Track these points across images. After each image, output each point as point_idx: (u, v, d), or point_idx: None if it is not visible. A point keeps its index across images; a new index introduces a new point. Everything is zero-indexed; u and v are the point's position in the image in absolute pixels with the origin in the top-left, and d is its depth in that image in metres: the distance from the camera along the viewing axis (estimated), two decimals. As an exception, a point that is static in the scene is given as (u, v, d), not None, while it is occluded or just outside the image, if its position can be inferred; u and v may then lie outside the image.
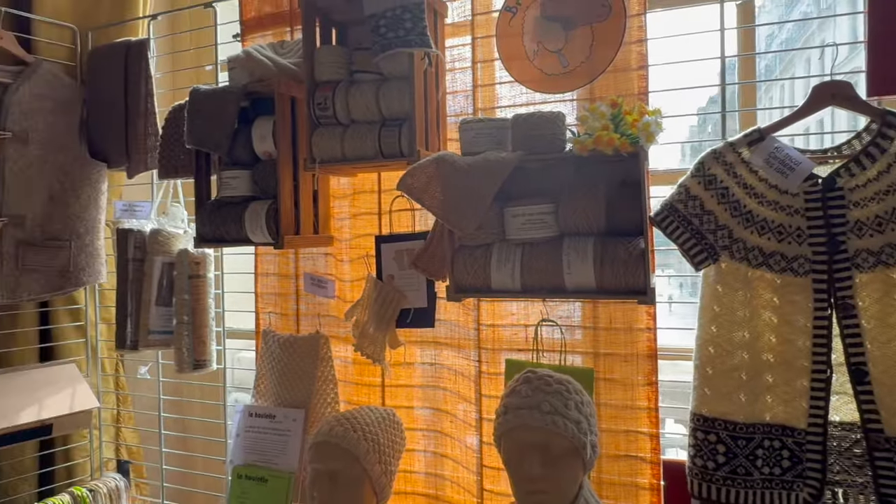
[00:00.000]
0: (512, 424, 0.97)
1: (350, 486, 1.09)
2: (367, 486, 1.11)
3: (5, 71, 1.59)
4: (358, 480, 1.09)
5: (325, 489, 1.08)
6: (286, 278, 1.56)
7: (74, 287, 1.69)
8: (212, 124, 1.35)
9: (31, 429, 1.51)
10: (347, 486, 1.09)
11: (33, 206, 1.63)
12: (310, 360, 1.47)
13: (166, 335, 1.59)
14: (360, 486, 1.10)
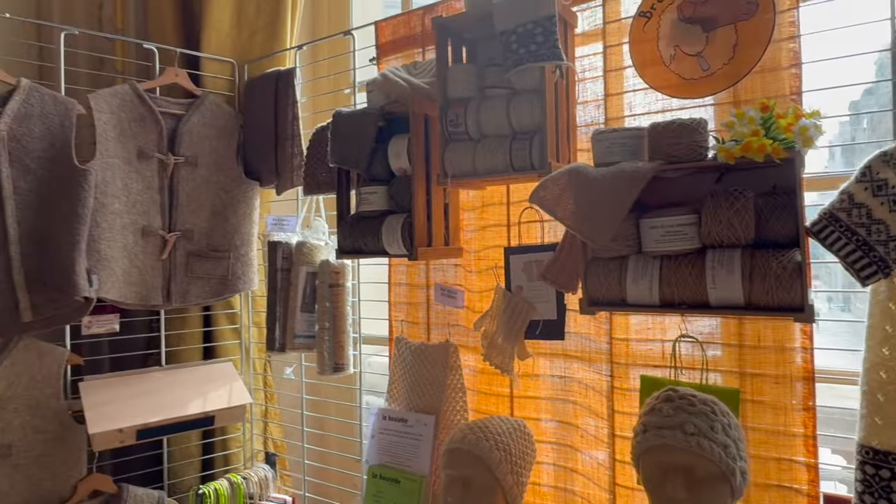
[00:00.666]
0: (652, 443, 0.93)
1: (483, 494, 1.11)
2: (500, 495, 1.12)
3: (180, 104, 1.82)
4: (490, 489, 1.11)
5: (459, 495, 1.11)
6: (417, 288, 1.62)
7: (232, 293, 1.89)
8: (352, 144, 1.45)
9: (197, 419, 1.70)
10: (480, 493, 1.11)
11: (200, 222, 1.84)
12: (440, 368, 1.52)
13: (309, 339, 1.72)
14: (493, 495, 1.11)
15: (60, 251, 1.54)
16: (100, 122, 1.66)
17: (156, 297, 1.77)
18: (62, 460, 1.62)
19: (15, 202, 1.53)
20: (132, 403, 1.65)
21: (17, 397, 1.56)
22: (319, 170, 1.71)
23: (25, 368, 1.57)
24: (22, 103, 1.54)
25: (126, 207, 1.71)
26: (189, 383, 1.79)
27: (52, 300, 1.56)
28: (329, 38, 1.88)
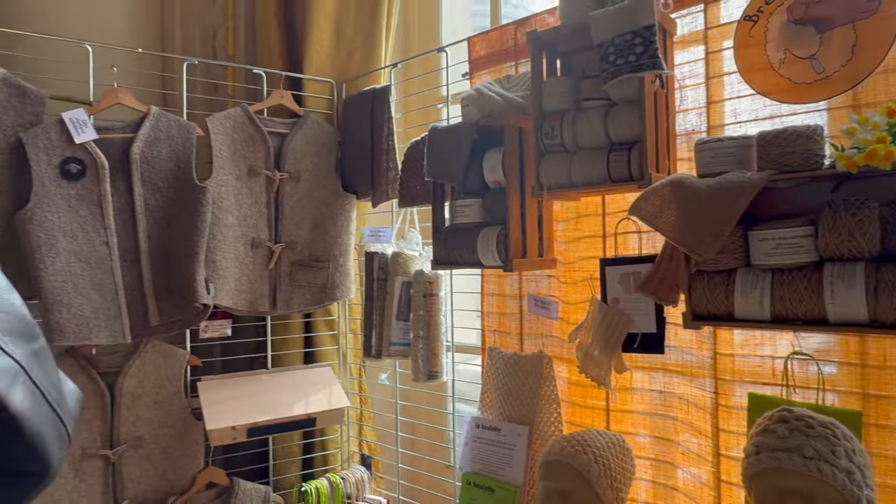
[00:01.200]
0: (766, 466, 0.90)
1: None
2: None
3: (284, 123, 1.95)
4: (589, 502, 1.11)
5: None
6: (510, 298, 1.64)
7: (331, 301, 1.99)
8: (448, 158, 1.49)
9: (300, 420, 1.80)
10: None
11: (302, 233, 1.95)
12: (533, 379, 1.52)
13: (404, 347, 1.78)
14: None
15: (183, 262, 1.69)
16: (216, 143, 1.80)
17: (263, 304, 1.89)
18: (183, 453, 1.77)
19: (145, 218, 1.69)
20: (243, 403, 1.77)
21: (146, 394, 1.72)
22: (414, 183, 1.77)
23: (154, 368, 1.73)
24: (152, 128, 1.70)
25: (238, 221, 1.85)
26: (292, 386, 1.90)
27: (176, 306, 1.71)
28: (423, 55, 1.94)
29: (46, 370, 0.71)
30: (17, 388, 0.64)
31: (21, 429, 0.64)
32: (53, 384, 0.71)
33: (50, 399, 0.70)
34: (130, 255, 1.68)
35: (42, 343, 0.71)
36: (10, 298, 0.67)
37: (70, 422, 0.74)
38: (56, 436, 0.70)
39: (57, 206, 1.57)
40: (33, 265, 1.52)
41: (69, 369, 1.62)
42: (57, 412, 0.71)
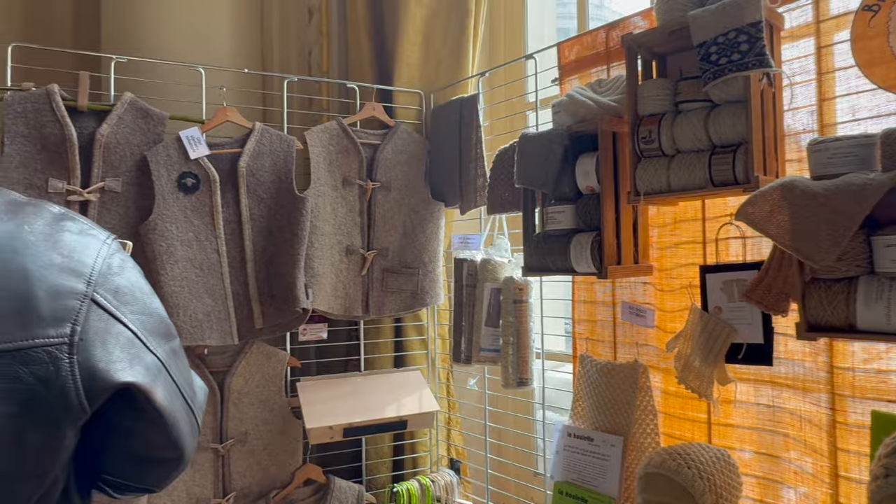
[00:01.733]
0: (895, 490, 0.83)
1: (686, 524, 1.07)
2: (704, 527, 1.07)
3: (376, 134, 2.02)
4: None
5: (660, 522, 1.08)
6: (603, 306, 1.61)
7: (420, 307, 2.03)
8: (539, 165, 1.49)
9: (393, 422, 1.86)
10: (683, 523, 1.07)
11: (393, 241, 2.01)
12: (628, 389, 1.49)
13: (494, 353, 1.79)
14: (697, 526, 1.06)
15: (284, 269, 1.79)
16: (313, 155, 1.90)
17: (357, 308, 1.97)
18: (283, 449, 1.87)
19: (250, 227, 1.81)
20: (339, 404, 1.85)
21: (251, 392, 1.83)
22: (502, 190, 1.78)
23: (258, 368, 1.84)
24: (256, 143, 1.82)
25: (333, 229, 1.93)
26: (385, 388, 1.96)
27: (278, 310, 1.82)
28: (511, 62, 1.95)
29: (181, 367, 0.78)
30: (159, 384, 0.70)
31: (162, 420, 0.71)
32: (187, 380, 0.78)
33: (185, 393, 0.76)
34: (237, 262, 1.79)
35: (177, 342, 0.78)
36: (152, 302, 0.74)
37: (199, 414, 0.81)
38: (189, 426, 0.77)
39: (175, 217, 1.71)
40: (154, 271, 1.66)
41: (185, 367, 1.76)
42: (190, 405, 0.78)
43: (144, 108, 1.71)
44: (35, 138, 1.59)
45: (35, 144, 1.59)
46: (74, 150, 1.61)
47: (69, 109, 1.62)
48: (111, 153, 1.66)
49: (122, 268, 0.72)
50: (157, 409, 0.70)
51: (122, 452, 0.73)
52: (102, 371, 0.65)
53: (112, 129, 1.65)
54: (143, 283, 0.75)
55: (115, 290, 0.69)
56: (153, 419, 0.70)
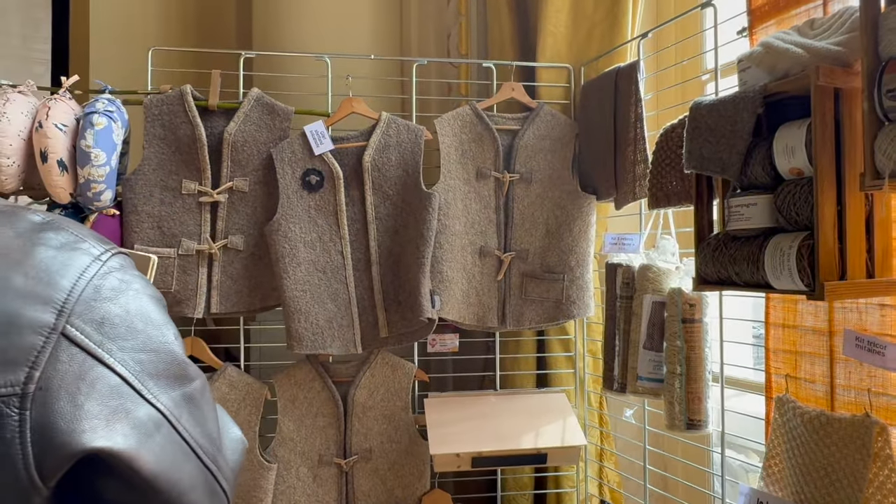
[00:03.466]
0: None
1: None
2: None
3: (515, 119, 1.75)
4: None
5: None
6: (813, 334, 1.17)
7: (565, 318, 1.73)
8: (718, 141, 1.11)
9: (530, 455, 1.58)
10: None
11: (534, 241, 1.73)
12: (855, 454, 1.05)
13: (655, 383, 1.43)
14: None
15: (410, 273, 1.61)
16: (444, 146, 1.69)
17: (491, 318, 1.73)
18: (410, 471, 1.70)
19: (376, 227, 1.66)
20: (469, 427, 1.62)
21: (375, 406, 1.69)
22: (669, 177, 1.41)
23: (383, 381, 1.69)
24: (382, 135, 1.66)
25: (465, 228, 1.71)
26: (523, 412, 1.69)
27: (404, 318, 1.64)
28: (682, 15, 1.55)
29: (199, 419, 0.59)
30: (153, 445, 0.52)
31: (158, 491, 0.52)
32: (208, 435, 0.59)
33: (200, 453, 0.57)
34: (362, 265, 1.65)
35: (197, 386, 0.60)
36: (160, 336, 0.57)
37: (228, 477, 0.62)
38: (208, 494, 0.58)
39: (299, 217, 1.61)
40: (278, 274, 1.58)
41: (307, 376, 1.66)
42: (209, 467, 0.59)
43: (270, 104, 1.64)
44: (170, 140, 1.59)
45: (170, 146, 1.59)
46: (204, 150, 1.58)
47: (200, 109, 1.60)
48: (239, 152, 1.62)
49: (119, 291, 0.55)
50: (147, 480, 0.51)
51: None
52: (62, 433, 0.48)
53: (239, 126, 1.60)
54: (151, 309, 0.57)
55: (100, 322, 0.52)
56: (144, 491, 0.52)
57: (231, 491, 0.63)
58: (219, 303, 1.60)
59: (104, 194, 1.41)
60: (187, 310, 1.57)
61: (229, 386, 1.62)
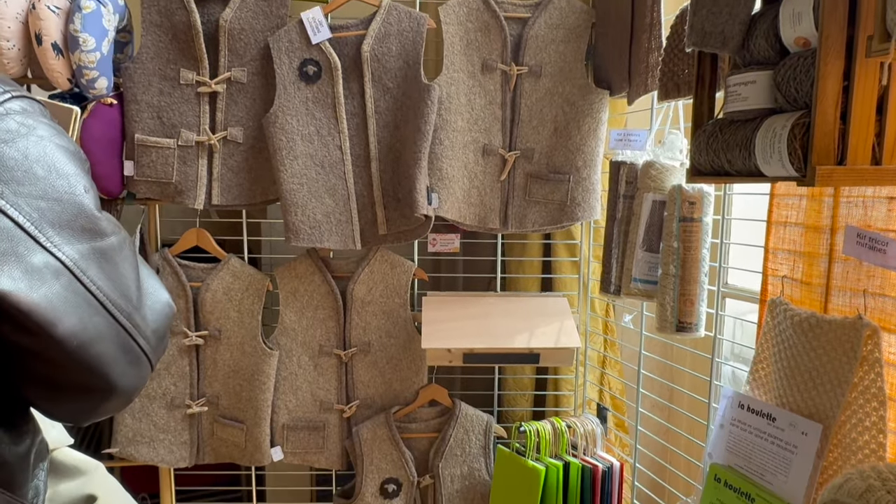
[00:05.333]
0: None
1: None
2: None
3: (526, 6, 1.62)
4: None
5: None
6: (815, 232, 1.08)
7: (570, 221, 1.67)
8: (721, 11, 0.98)
9: (522, 354, 1.58)
10: None
11: (541, 139, 1.65)
12: (842, 357, 0.98)
13: (649, 285, 1.37)
14: None
15: (407, 168, 1.58)
16: (447, 35, 1.60)
17: (493, 219, 1.68)
18: (407, 365, 1.74)
19: (375, 121, 1.61)
20: (464, 325, 1.63)
21: (374, 302, 1.71)
22: (681, 65, 1.29)
23: (381, 277, 1.71)
24: (382, 23, 1.58)
25: (468, 125, 1.64)
26: (520, 314, 1.68)
27: (403, 216, 1.63)
28: None
29: (112, 274, 0.59)
30: (47, 290, 0.53)
31: (55, 337, 0.53)
32: (122, 292, 0.60)
33: (110, 307, 0.58)
34: (361, 161, 1.63)
35: (112, 242, 0.59)
36: (67, 186, 0.56)
37: (149, 337, 0.62)
38: (119, 350, 0.59)
39: (296, 109, 1.58)
40: (275, 167, 1.58)
41: (307, 270, 1.69)
42: (122, 323, 0.59)
43: (264, -11, 1.58)
44: (167, 27, 1.56)
45: (167, 34, 1.57)
46: (200, 38, 1.55)
47: (196, -6, 1.55)
48: (236, 40, 1.58)
49: (18, 135, 0.54)
50: (41, 325, 0.52)
51: (27, 375, 0.58)
52: None
53: (235, 13, 1.56)
54: (58, 159, 0.57)
55: None
56: (42, 337, 0.53)
57: (154, 353, 0.63)
58: (220, 195, 1.63)
59: (98, 81, 1.42)
60: (188, 200, 1.60)
61: (232, 276, 1.67)
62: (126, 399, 0.61)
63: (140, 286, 0.61)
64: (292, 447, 1.72)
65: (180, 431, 1.70)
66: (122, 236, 0.60)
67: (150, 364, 0.63)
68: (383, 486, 1.69)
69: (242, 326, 1.68)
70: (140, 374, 0.61)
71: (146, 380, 0.63)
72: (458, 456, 1.71)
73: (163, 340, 0.65)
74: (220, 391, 1.70)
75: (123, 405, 0.63)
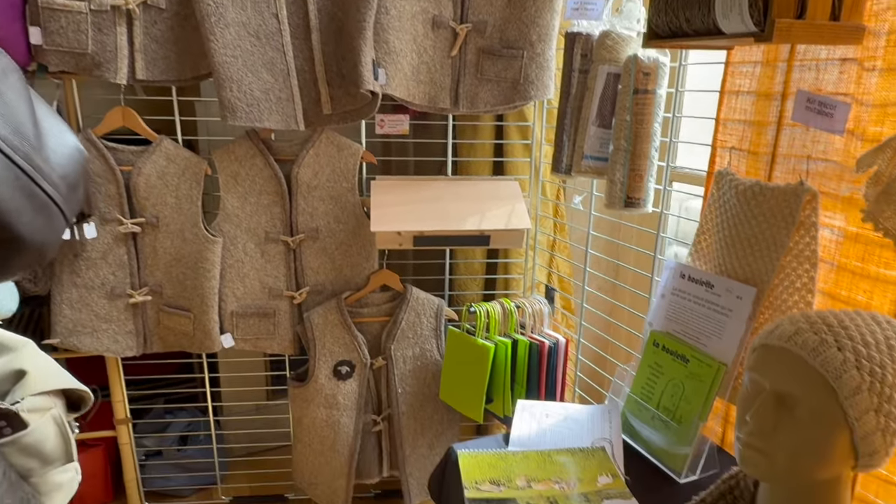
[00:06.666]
0: None
1: (811, 428, 0.67)
2: (843, 438, 0.67)
3: None
4: (827, 424, 0.67)
5: (767, 418, 0.70)
6: (766, 99, 1.07)
7: (523, 101, 1.61)
8: None
9: (472, 236, 1.58)
10: (806, 426, 0.68)
11: (493, 11, 1.55)
12: (781, 222, 1.01)
13: (600, 162, 1.36)
14: (830, 435, 0.67)
15: (351, 40, 1.46)
16: None
17: (444, 99, 1.61)
18: (357, 251, 1.71)
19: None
20: (413, 209, 1.60)
21: (321, 186, 1.65)
22: (643, -79, 1.20)
23: (328, 161, 1.63)
24: None
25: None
26: (470, 197, 1.66)
27: (348, 94, 1.53)
28: None
29: (3, 112, 0.52)
30: None
31: None
32: (14, 127, 0.53)
33: (2, 146, 0.51)
34: (301, 32, 1.50)
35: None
36: None
37: (56, 182, 0.56)
38: (20, 194, 0.53)
39: (224, -31, 1.42)
40: (205, 37, 1.44)
41: (248, 152, 1.60)
42: (19, 164, 0.53)
43: None
44: None
45: None
46: None
47: None
48: None
49: None
50: None
51: None
52: None
53: None
54: None
55: None
56: None
57: (66, 203, 0.57)
58: (144, 68, 1.48)
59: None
60: (108, 73, 1.45)
61: (166, 159, 1.57)
62: (38, 253, 0.56)
63: (37, 124, 0.55)
64: (242, 334, 1.71)
65: (124, 321, 1.65)
66: (6, 62, 0.52)
67: (63, 216, 0.57)
68: (336, 369, 1.72)
69: (181, 213, 1.60)
70: (52, 226, 0.56)
71: (61, 233, 0.58)
72: (409, 338, 1.74)
73: (76, 191, 0.59)
74: (163, 280, 1.65)
75: (38, 260, 0.58)
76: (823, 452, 0.68)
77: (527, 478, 1.07)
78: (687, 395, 1.12)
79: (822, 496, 0.72)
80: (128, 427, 1.80)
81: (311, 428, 1.75)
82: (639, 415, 1.21)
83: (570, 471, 1.08)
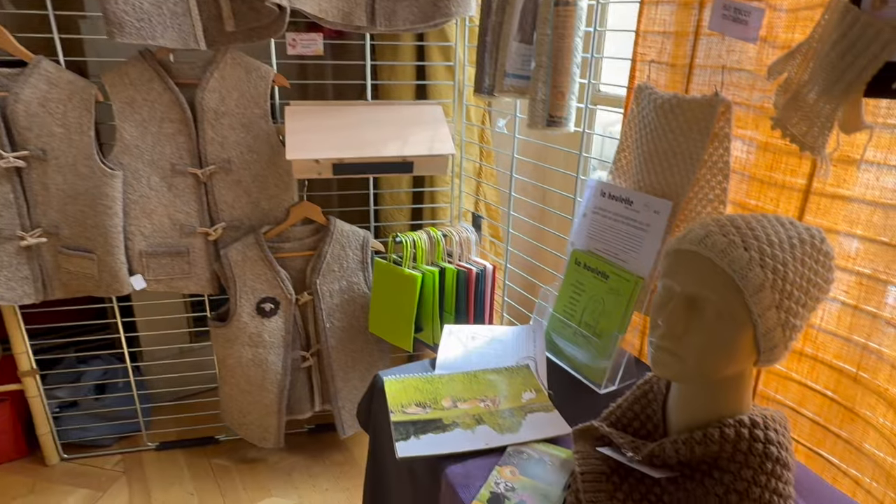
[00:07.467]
0: None
1: (718, 328, 0.69)
2: (747, 335, 0.69)
3: None
4: (733, 323, 0.69)
5: (678, 320, 0.71)
6: (686, 9, 1.05)
7: (444, 18, 1.53)
8: None
9: (395, 163, 1.52)
10: (714, 326, 0.69)
11: (409, -84, 1.44)
12: (696, 135, 1.01)
13: (522, 81, 1.32)
14: (736, 332, 0.69)
15: (251, -55, 1.32)
16: None
17: (359, 15, 1.50)
18: (275, 183, 1.62)
19: None
20: (332, 136, 1.52)
21: (230, 113, 1.53)
22: None
23: (235, 84, 1.51)
24: None
25: None
26: (392, 122, 1.59)
27: (252, 8, 1.40)
28: None
29: None
30: None
31: None
32: None
33: None
34: (193, -65, 1.34)
35: None
36: None
37: None
38: None
39: None
40: (78, -62, 1.26)
41: (143, 76, 1.45)
42: None
43: None
44: None
45: None
46: None
47: None
48: None
49: None
50: None
51: None
52: None
53: None
54: None
55: None
56: None
57: None
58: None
59: None
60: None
61: (48, 83, 1.40)
62: None
63: None
64: (154, 274, 1.61)
65: (17, 266, 1.51)
66: None
67: None
68: (259, 306, 1.65)
69: (72, 145, 1.45)
70: None
71: None
72: (335, 272, 1.69)
73: None
74: (59, 220, 1.51)
75: None
76: (730, 350, 0.70)
77: (453, 398, 1.07)
78: (607, 311, 1.15)
79: (727, 391, 0.75)
80: (35, 379, 1.68)
81: (236, 368, 1.69)
82: (562, 333, 1.24)
83: (496, 389, 1.10)
